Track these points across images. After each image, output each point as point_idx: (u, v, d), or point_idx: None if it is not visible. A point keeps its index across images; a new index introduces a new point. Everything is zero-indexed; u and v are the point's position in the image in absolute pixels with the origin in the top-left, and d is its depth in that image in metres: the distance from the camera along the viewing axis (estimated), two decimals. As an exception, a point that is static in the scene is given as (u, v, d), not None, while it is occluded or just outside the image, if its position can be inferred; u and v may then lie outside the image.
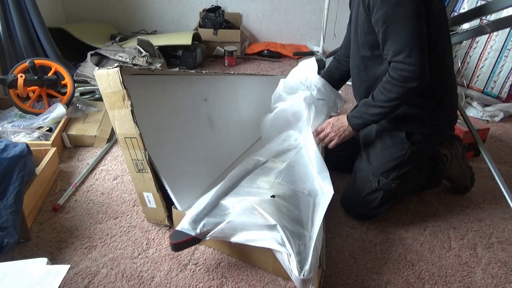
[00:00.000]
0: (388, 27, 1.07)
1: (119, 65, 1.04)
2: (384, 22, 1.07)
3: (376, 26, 1.11)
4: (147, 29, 3.01)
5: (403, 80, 1.08)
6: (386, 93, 1.13)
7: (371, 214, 1.32)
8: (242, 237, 1.02)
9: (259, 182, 1.20)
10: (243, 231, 1.02)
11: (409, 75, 1.07)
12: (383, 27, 1.08)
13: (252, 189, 1.17)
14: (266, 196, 1.11)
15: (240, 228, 1.02)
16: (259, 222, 1.00)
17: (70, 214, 1.31)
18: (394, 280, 1.12)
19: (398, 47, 1.07)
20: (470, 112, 2.16)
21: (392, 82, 1.11)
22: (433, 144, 1.33)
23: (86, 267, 1.11)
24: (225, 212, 1.09)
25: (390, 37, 1.08)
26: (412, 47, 1.05)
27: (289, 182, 1.19)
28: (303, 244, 0.98)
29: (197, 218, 1.07)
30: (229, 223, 1.02)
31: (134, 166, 1.15)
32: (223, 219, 1.05)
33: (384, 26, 1.07)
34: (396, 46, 1.07)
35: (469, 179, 1.47)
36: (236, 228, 1.02)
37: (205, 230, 1.04)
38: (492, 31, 1.72)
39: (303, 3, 2.94)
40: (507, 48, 2.13)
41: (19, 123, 1.66)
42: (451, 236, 1.30)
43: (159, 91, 1.26)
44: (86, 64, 2.18)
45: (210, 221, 1.06)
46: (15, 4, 1.95)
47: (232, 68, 2.71)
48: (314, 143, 1.29)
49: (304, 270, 0.91)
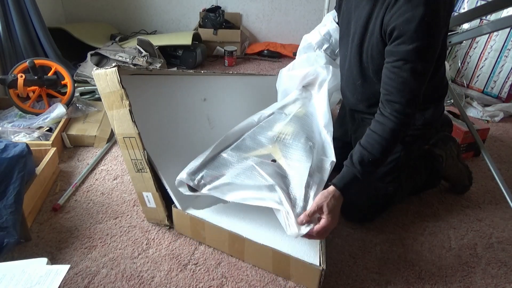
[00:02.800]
0: (404, 64, 0.99)
1: (116, 64, 1.04)
2: (404, 58, 0.99)
3: (390, 55, 1.02)
4: (147, 29, 3.01)
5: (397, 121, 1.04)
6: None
7: (370, 218, 1.32)
8: (239, 195, 1.03)
9: (261, 137, 1.19)
10: (241, 190, 1.03)
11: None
12: (399, 63, 1.00)
13: (254, 143, 1.16)
14: (266, 151, 1.11)
15: (238, 187, 1.03)
16: (257, 183, 1.01)
17: (70, 214, 1.31)
18: (394, 280, 1.12)
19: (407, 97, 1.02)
20: (470, 112, 2.16)
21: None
22: (422, 143, 1.34)
23: (86, 267, 1.11)
24: (224, 165, 1.09)
25: (403, 78, 1.01)
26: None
27: (295, 132, 1.20)
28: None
29: (196, 169, 1.09)
30: (228, 183, 1.03)
31: (133, 166, 1.15)
32: (221, 172, 1.06)
33: (401, 62, 1.00)
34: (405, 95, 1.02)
35: (467, 178, 1.48)
36: (234, 187, 1.03)
37: (203, 182, 1.06)
38: (492, 31, 1.72)
39: (303, 3, 2.94)
40: (507, 48, 2.13)
41: (19, 123, 1.66)
42: (451, 236, 1.30)
43: (158, 91, 1.26)
44: (86, 64, 2.18)
45: (208, 173, 1.08)
46: (15, 4, 1.95)
47: (232, 68, 2.71)
48: (325, 97, 1.27)
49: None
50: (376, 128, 1.05)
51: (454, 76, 2.38)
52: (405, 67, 0.99)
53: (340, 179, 1.03)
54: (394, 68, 1.01)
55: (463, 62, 2.33)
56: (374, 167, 1.05)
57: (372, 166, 1.04)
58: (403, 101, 1.02)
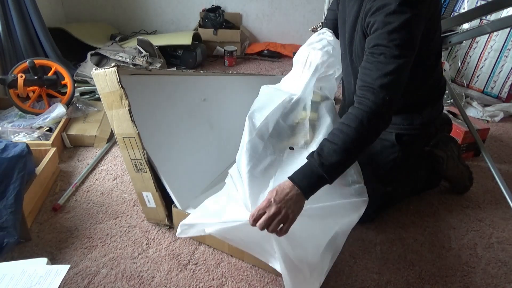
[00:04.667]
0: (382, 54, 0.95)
1: (116, 64, 1.04)
2: (376, 43, 0.95)
3: (367, 43, 1.00)
4: (147, 29, 3.00)
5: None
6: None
7: (370, 218, 1.32)
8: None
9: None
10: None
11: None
12: (372, 49, 0.96)
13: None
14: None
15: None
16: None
17: (70, 214, 1.31)
18: (394, 280, 1.12)
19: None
20: (470, 112, 2.16)
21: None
22: (422, 143, 1.33)
23: (86, 267, 1.11)
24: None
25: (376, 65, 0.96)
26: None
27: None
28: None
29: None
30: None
31: (133, 166, 1.15)
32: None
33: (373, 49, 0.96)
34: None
35: (468, 178, 1.48)
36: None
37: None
38: (492, 31, 1.72)
39: (303, 3, 2.94)
40: (507, 48, 2.13)
41: (19, 123, 1.66)
42: (451, 236, 1.30)
43: (157, 91, 1.26)
44: (86, 64, 2.18)
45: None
46: (15, 4, 1.95)
47: (232, 68, 2.71)
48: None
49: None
50: (343, 118, 0.96)
51: (454, 76, 2.38)
52: (378, 51, 0.95)
53: (296, 172, 0.93)
54: (368, 56, 0.97)
55: (463, 62, 2.33)
56: (336, 157, 0.90)
57: (333, 156, 0.90)
58: (375, 85, 0.93)
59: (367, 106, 0.93)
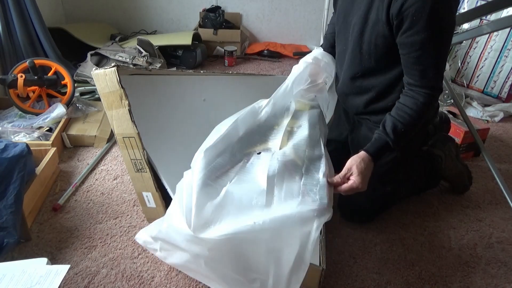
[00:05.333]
0: (423, 53, 1.01)
1: (116, 64, 1.04)
2: (421, 48, 1.00)
3: (405, 47, 1.03)
4: (147, 29, 3.01)
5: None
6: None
7: (370, 218, 1.32)
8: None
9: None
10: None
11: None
12: (418, 53, 1.01)
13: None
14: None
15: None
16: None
17: (70, 214, 1.31)
18: (394, 280, 1.12)
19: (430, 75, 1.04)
20: (470, 112, 2.16)
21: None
22: (420, 142, 1.33)
23: (86, 267, 1.11)
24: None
25: (424, 63, 1.03)
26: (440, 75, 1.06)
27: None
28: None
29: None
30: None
31: (132, 166, 1.15)
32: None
33: (420, 52, 1.01)
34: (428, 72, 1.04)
35: (467, 178, 1.48)
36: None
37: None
38: (492, 31, 1.73)
39: (303, 3, 2.94)
40: (507, 48, 2.13)
41: (19, 123, 1.66)
42: (451, 236, 1.30)
43: (157, 91, 1.26)
44: (86, 64, 2.18)
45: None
46: (15, 4, 1.95)
47: (232, 68, 2.71)
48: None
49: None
50: (407, 102, 1.06)
51: (454, 76, 2.38)
52: (425, 55, 1.01)
53: (371, 145, 1.07)
54: (413, 59, 1.03)
55: (463, 62, 2.33)
56: (403, 138, 1.07)
57: (402, 137, 1.06)
58: (430, 75, 1.03)
59: (427, 94, 1.05)
